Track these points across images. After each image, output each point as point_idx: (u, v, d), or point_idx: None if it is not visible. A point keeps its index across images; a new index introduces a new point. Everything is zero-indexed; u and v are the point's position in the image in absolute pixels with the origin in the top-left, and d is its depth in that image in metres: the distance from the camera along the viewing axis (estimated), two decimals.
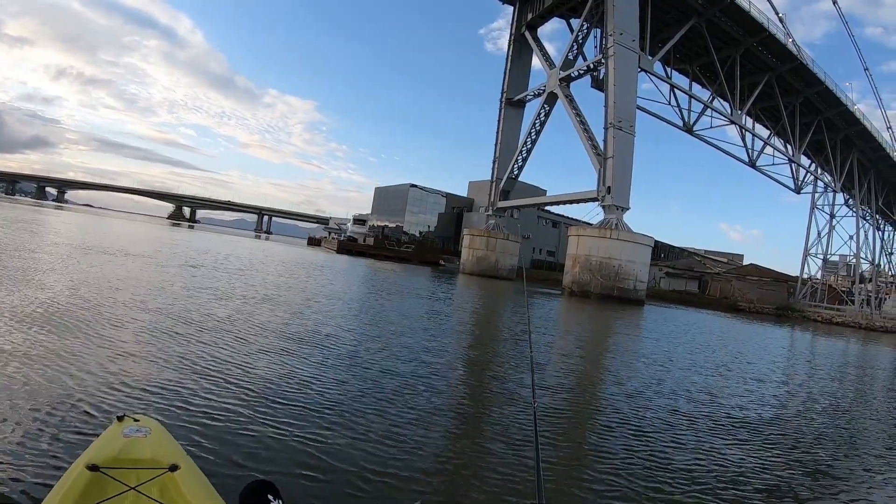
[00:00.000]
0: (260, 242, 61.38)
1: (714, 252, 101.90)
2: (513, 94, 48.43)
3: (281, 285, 14.77)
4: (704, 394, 7.58)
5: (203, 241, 37.95)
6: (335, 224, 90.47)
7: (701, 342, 16.25)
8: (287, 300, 11.44)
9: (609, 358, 10.50)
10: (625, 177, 34.89)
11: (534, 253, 69.28)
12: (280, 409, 4.19)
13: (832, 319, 48.52)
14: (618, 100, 34.84)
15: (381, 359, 6.67)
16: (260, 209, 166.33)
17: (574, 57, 42.07)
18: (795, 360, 15.47)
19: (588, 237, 34.37)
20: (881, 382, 12.99)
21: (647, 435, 5.02)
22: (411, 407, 4.69)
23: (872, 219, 60.96)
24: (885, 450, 5.87)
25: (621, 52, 35.40)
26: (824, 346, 22.56)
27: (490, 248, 46.95)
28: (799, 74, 45.88)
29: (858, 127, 52.46)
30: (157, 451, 2.03)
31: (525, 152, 46.42)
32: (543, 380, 6.85)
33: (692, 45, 42.97)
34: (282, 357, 5.93)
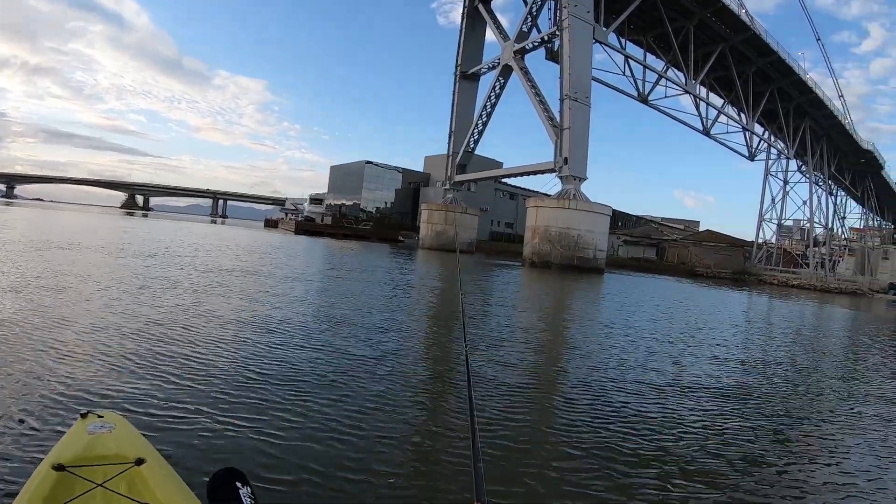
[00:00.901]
0: (215, 227, 60.25)
1: (670, 219, 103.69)
2: (467, 67, 48.28)
3: (236, 269, 14.25)
4: (668, 359, 7.66)
5: (156, 229, 37.04)
6: (292, 205, 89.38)
7: (662, 308, 16.52)
8: (242, 286, 10.99)
9: (571, 326, 10.52)
10: (581, 147, 35.12)
11: (492, 225, 69.56)
12: (242, 397, 4.11)
13: (788, 282, 49.88)
14: (573, 71, 34.91)
15: (338, 342, 6.52)
16: (214, 193, 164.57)
17: (528, 29, 41.96)
18: (759, 323, 15.80)
19: (547, 208, 34.60)
20: (839, 340, 13.56)
21: (612, 402, 5.09)
22: (369, 393, 4.60)
23: (825, 184, 62.61)
24: (842, 403, 6.07)
25: (576, 24, 35.39)
26: (785, 308, 23.15)
27: (449, 222, 47.06)
28: (752, 45, 46.50)
29: (811, 96, 53.55)
30: (122, 447, 1.99)
31: (481, 125, 46.44)
32: (501, 353, 6.77)
33: (646, 16, 43.12)
34: (238, 346, 5.74)
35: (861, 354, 10.47)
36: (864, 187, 71.98)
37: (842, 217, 72.25)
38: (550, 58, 40.38)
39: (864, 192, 72.48)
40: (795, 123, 56.04)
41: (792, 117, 55.30)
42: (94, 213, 70.14)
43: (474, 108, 47.70)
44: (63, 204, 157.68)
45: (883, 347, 11.94)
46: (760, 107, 50.84)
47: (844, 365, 8.91)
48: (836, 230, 67.93)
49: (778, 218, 59.46)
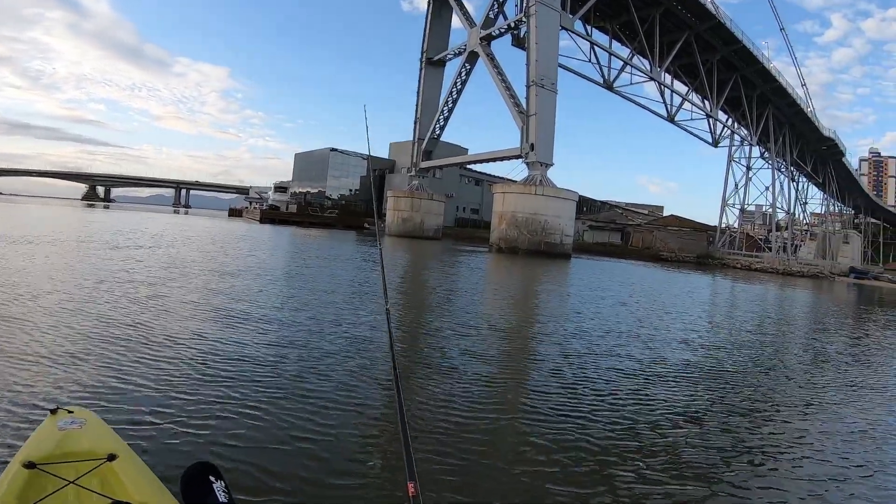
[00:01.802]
0: (179, 217, 59.01)
1: (635, 204, 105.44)
2: (433, 53, 48.24)
3: (198, 261, 13.83)
4: (637, 343, 7.76)
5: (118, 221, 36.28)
6: (256, 193, 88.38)
7: (630, 292, 16.90)
8: (203, 279, 10.66)
9: (541, 311, 10.68)
10: (548, 134, 35.43)
11: (458, 212, 70.00)
12: (205, 391, 4.10)
13: (751, 266, 51.14)
14: (539, 58, 35.10)
15: (298, 336, 6.37)
16: (177, 183, 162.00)
17: (495, 16, 42.04)
18: (726, 306, 16.30)
19: (514, 194, 34.89)
20: (805, 323, 14.04)
21: (580, 385, 5.16)
22: (334, 387, 4.52)
23: (787, 170, 64.15)
24: (809, 386, 6.28)
25: (543, 11, 35.55)
26: (750, 291, 23.90)
27: (415, 208, 47.22)
28: (717, 33, 47.20)
29: (774, 84, 54.69)
30: (93, 442, 1.95)
31: (447, 112, 46.60)
32: (475, 338, 6.89)
33: (613, 3, 43.47)
34: (199, 341, 5.65)
35: (827, 337, 10.83)
36: (826, 173, 73.95)
37: (803, 202, 74.29)
38: (516, 44, 40.49)
39: (825, 178, 74.47)
40: (759, 111, 57.20)
41: (755, 105, 56.44)
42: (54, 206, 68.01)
43: (440, 95, 47.73)
44: (22, 197, 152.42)
45: (849, 330, 12.59)
46: (724, 94, 51.79)
47: (811, 348, 9.18)
48: (797, 215, 69.83)
49: (741, 203, 60.89)
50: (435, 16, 47.65)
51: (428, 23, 48.13)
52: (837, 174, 76.52)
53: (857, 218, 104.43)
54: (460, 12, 44.50)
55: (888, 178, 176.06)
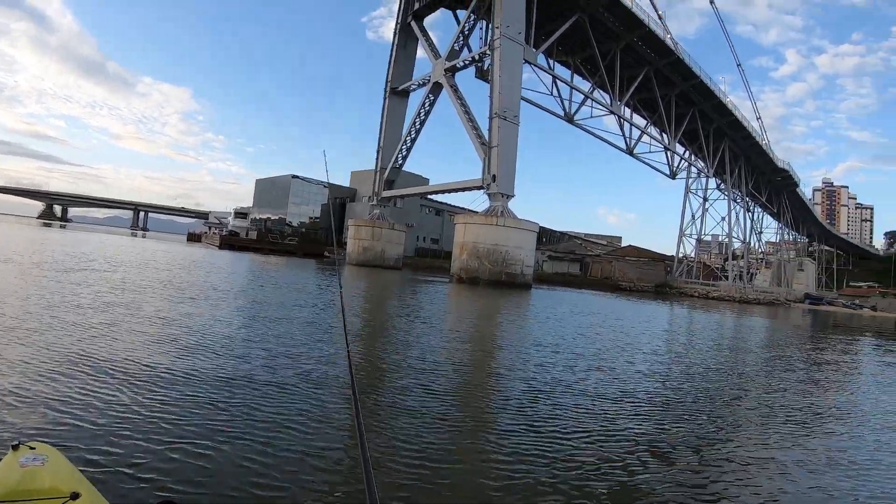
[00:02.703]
0: (136, 241, 57.68)
1: (593, 235, 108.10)
2: (397, 83, 48.71)
3: (156, 287, 13.46)
4: (599, 373, 7.93)
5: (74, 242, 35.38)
6: (215, 218, 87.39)
7: (590, 322, 17.26)
8: (159, 306, 10.41)
9: (503, 343, 10.81)
10: (509, 165, 36.03)
11: (418, 241, 70.15)
12: (162, 424, 4.09)
13: (708, 294, 52.56)
14: (503, 90, 35.79)
15: (254, 366, 6.34)
16: (135, 205, 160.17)
17: (460, 48, 42.92)
18: (686, 335, 16.76)
19: (475, 224, 35.26)
20: (764, 348, 14.77)
21: (535, 420, 5.22)
22: (295, 418, 4.57)
23: (743, 201, 66.64)
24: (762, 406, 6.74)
25: (507, 45, 36.32)
26: (709, 319, 24.86)
27: (376, 237, 47.26)
28: (676, 68, 49.12)
29: (730, 118, 57.08)
30: (56, 480, 1.90)
31: (409, 142, 47.07)
32: (436, 373, 6.95)
33: (575, 38, 44.81)
34: (153, 372, 5.58)
35: (786, 364, 11.41)
36: (780, 204, 76.87)
37: (759, 232, 77.14)
38: (480, 76, 41.32)
39: (779, 208, 77.39)
40: (715, 144, 59.42)
41: (712, 138, 58.64)
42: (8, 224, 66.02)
43: (403, 124, 48.14)
44: None
45: (806, 356, 13.27)
46: (682, 127, 53.68)
47: (770, 375, 9.58)
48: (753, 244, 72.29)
49: (698, 233, 62.89)
50: (401, 46, 48.26)
51: (393, 53, 48.67)
52: (792, 204, 79.65)
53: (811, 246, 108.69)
54: (426, 44, 45.18)
55: (840, 207, 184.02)
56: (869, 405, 7.54)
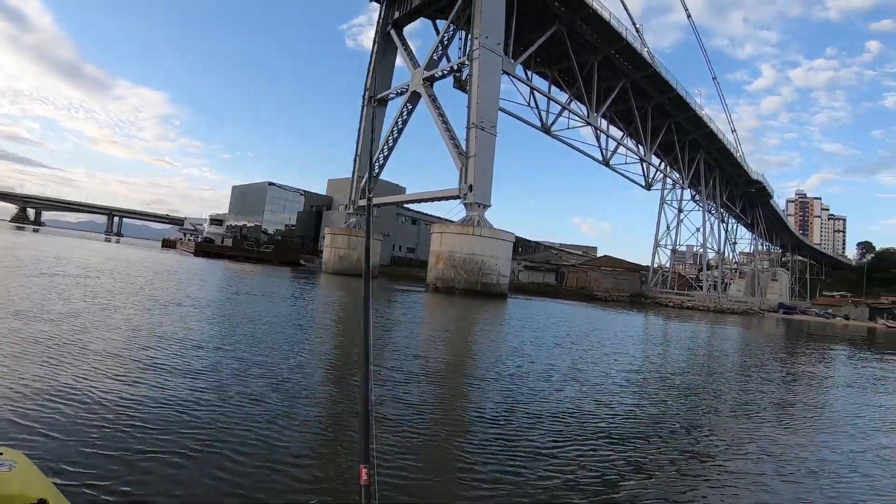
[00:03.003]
0: (111, 246, 56.99)
1: (569, 245, 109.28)
2: (376, 91, 48.80)
3: (129, 293, 13.47)
4: (576, 384, 7.97)
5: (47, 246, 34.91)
6: (191, 224, 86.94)
7: (566, 330, 17.62)
8: (131, 313, 10.32)
9: (479, 354, 10.91)
10: (486, 175, 36.28)
11: (394, 250, 70.28)
12: (135, 435, 4.09)
13: (682, 304, 53.37)
14: (481, 101, 36.07)
15: (232, 374, 6.35)
16: (110, 210, 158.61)
17: (438, 57, 43.19)
18: (663, 346, 16.97)
19: (451, 234, 35.40)
20: (744, 357, 15.31)
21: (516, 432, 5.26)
22: (269, 426, 4.56)
23: (717, 212, 67.85)
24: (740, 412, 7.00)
25: (486, 55, 36.63)
26: (686, 329, 25.43)
27: (352, 246, 47.31)
28: (652, 81, 49.99)
29: (705, 130, 58.20)
30: (24, 486, 1.87)
31: (387, 150, 47.10)
32: (414, 383, 6.96)
33: (553, 50, 45.43)
34: (124, 381, 5.53)
35: (763, 372, 11.86)
36: (754, 215, 78.44)
37: (733, 242, 78.57)
38: (458, 86, 41.59)
39: (753, 219, 78.95)
40: (691, 155, 60.50)
41: (687, 150, 59.72)
42: None
43: (381, 133, 48.13)
44: None
45: (781, 364, 13.84)
46: (658, 139, 54.61)
47: (746, 386, 9.82)
48: (727, 255, 73.66)
49: (673, 244, 63.82)
50: (380, 55, 48.37)
51: (372, 61, 48.77)
52: (765, 215, 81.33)
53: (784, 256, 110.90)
54: (405, 53, 45.44)
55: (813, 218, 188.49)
56: (845, 413, 7.80)
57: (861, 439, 6.23)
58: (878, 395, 9.97)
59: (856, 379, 12.42)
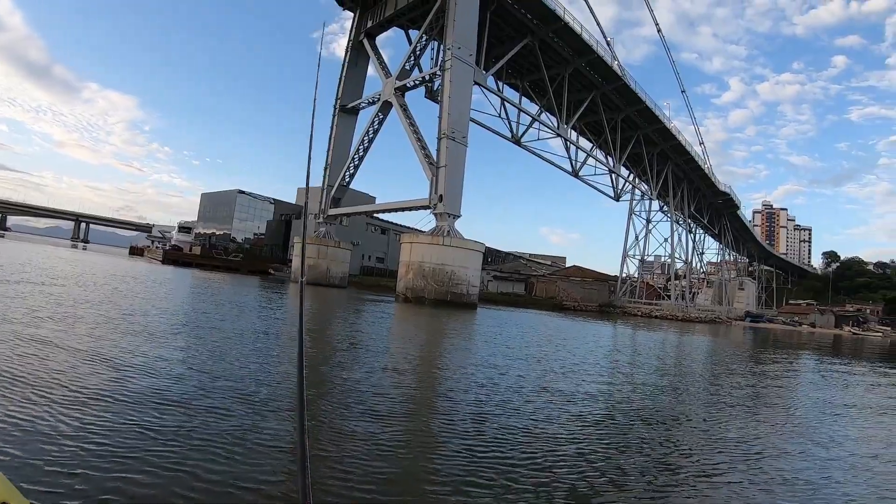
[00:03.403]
0: (77, 252, 55.71)
1: (538, 255, 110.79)
2: (347, 100, 48.83)
3: (93, 303, 13.04)
4: (546, 394, 7.98)
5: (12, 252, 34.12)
6: (159, 232, 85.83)
7: (536, 341, 17.90)
8: (93, 323, 10.03)
9: (449, 364, 10.75)
10: (456, 185, 36.59)
11: (363, 260, 70.25)
12: (98, 448, 3.99)
13: (651, 313, 54.39)
14: (452, 111, 36.38)
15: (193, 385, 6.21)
16: (77, 216, 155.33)
17: (410, 67, 43.44)
18: (633, 355, 17.09)
19: (421, 244, 35.55)
20: (705, 366, 15.60)
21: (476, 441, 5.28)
22: (231, 443, 4.42)
23: (685, 223, 69.45)
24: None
25: (458, 66, 36.97)
26: (654, 338, 25.92)
27: (321, 255, 47.20)
28: (622, 94, 51.11)
29: (674, 142, 59.64)
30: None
31: (357, 160, 47.21)
32: (381, 396, 6.95)
33: (524, 61, 46.19)
34: (85, 392, 5.43)
35: (731, 381, 12.02)
36: (721, 225, 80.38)
37: (700, 252, 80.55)
38: (429, 97, 42.01)
39: (721, 229, 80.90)
40: (659, 167, 61.88)
41: (656, 161, 61.10)
42: None
43: (352, 142, 48.28)
44: None
45: (750, 372, 14.17)
46: (627, 151, 55.80)
47: (718, 391, 10.16)
48: (695, 264, 75.28)
49: (641, 254, 65.10)
50: (352, 64, 48.45)
51: (344, 70, 48.76)
52: (733, 225, 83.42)
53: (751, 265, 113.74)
54: (377, 62, 45.63)
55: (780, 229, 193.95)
56: (816, 422, 7.98)
57: (836, 448, 6.37)
58: (845, 405, 10.15)
59: (823, 386, 12.81)
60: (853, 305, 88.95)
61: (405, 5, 42.63)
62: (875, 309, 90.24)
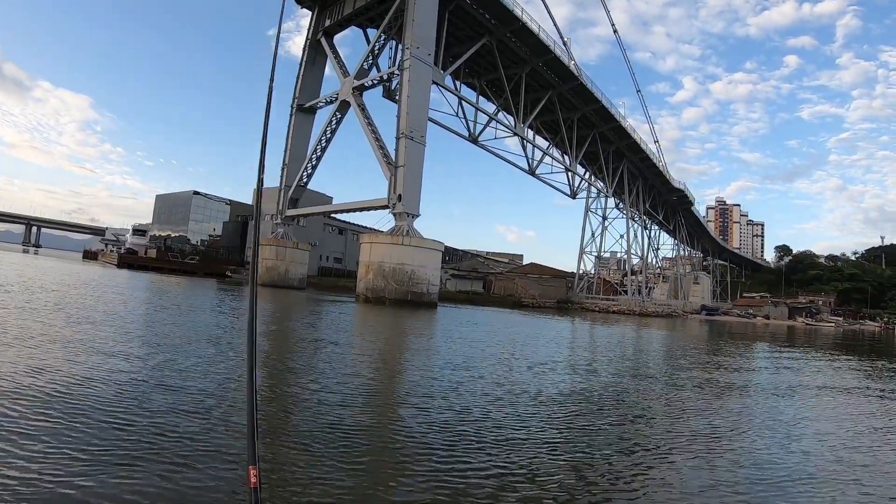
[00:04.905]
0: (28, 257, 54.07)
1: (495, 253, 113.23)
2: (304, 100, 48.93)
3: (43, 307, 12.44)
4: (511, 395, 7.84)
5: None
6: (112, 235, 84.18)
7: (496, 338, 18.62)
8: (42, 333, 9.45)
9: (411, 365, 10.88)
10: (415, 185, 37.34)
11: (321, 260, 70.29)
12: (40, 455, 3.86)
13: (609, 308, 56.38)
14: (410, 111, 37.01)
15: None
16: (28, 219, 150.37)
17: (369, 67, 43.98)
18: (591, 350, 17.61)
19: (381, 244, 36.16)
20: (664, 358, 16.49)
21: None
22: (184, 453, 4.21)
23: (640, 219, 72.05)
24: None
25: (416, 66, 37.59)
26: (611, 332, 27.10)
27: (280, 257, 47.32)
28: (578, 93, 52.77)
29: (629, 140, 61.84)
30: None
31: (315, 160, 47.46)
32: (342, 384, 7.34)
33: (482, 61, 47.23)
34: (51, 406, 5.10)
35: (691, 374, 12.61)
36: (676, 221, 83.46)
37: (656, 248, 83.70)
38: (387, 96, 42.61)
39: (675, 225, 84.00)
40: (614, 165, 64.06)
41: (612, 159, 63.26)
42: None
43: (309, 142, 48.47)
44: None
45: (708, 364, 14.98)
46: (583, 149, 57.66)
47: (681, 386, 10.34)
48: (650, 260, 78.15)
49: (597, 250, 67.30)
50: (309, 63, 48.53)
51: (301, 69, 48.84)
52: (687, 221, 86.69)
53: (706, 260, 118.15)
54: (335, 61, 45.79)
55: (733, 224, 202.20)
56: (781, 415, 8.11)
57: (804, 441, 6.50)
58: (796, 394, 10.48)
59: (775, 376, 13.49)
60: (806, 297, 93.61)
61: (364, 4, 43.01)
62: (827, 300, 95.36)
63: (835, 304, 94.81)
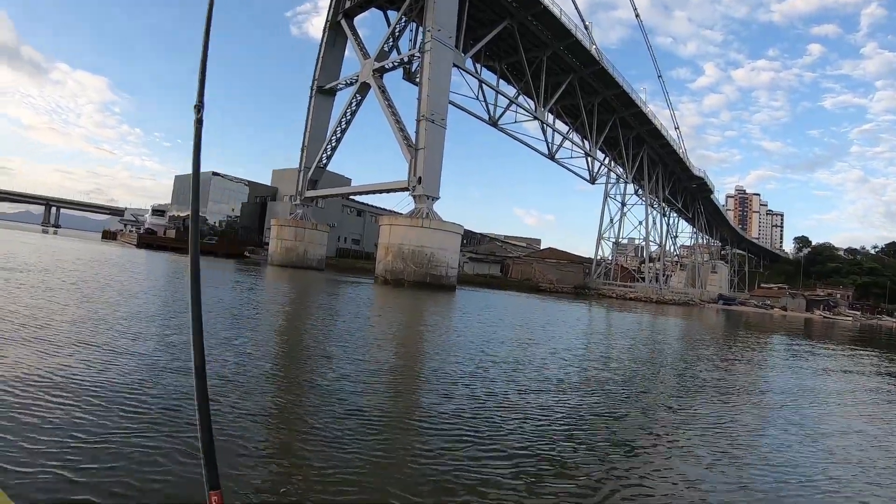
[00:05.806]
0: (48, 238, 54.95)
1: (513, 237, 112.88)
2: (324, 81, 49.22)
3: (64, 289, 12.46)
4: (533, 382, 7.63)
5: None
6: (132, 215, 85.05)
7: (517, 321, 19.00)
8: (66, 313, 8.93)
9: (433, 347, 10.73)
10: (435, 168, 37.62)
11: (339, 242, 70.71)
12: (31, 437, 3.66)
13: (625, 295, 56.47)
14: (431, 94, 37.18)
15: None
16: (47, 200, 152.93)
17: (389, 49, 44.10)
18: (612, 338, 17.35)
19: (400, 226, 36.55)
20: (684, 348, 16.40)
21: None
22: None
23: (659, 206, 71.71)
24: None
25: (437, 48, 37.67)
26: (630, 319, 27.12)
27: (299, 238, 47.95)
28: (599, 78, 52.44)
29: (649, 126, 61.39)
30: None
31: (335, 141, 47.84)
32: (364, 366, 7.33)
33: (503, 44, 47.10)
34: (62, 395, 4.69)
35: (709, 364, 12.45)
36: (695, 209, 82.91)
37: (674, 236, 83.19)
38: (408, 78, 42.71)
39: (694, 213, 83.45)
40: (634, 151, 63.72)
41: (632, 145, 62.92)
42: None
43: (329, 124, 48.95)
44: None
45: (725, 357, 14.75)
46: (604, 134, 57.41)
47: (693, 375, 10.11)
48: (668, 247, 77.80)
49: (616, 237, 67.20)
50: (329, 44, 48.81)
51: (322, 51, 49.13)
52: (706, 209, 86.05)
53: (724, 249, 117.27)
54: (355, 43, 45.97)
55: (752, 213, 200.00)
56: (795, 410, 7.73)
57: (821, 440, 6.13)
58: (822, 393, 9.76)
59: (796, 372, 12.71)
60: (824, 290, 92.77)
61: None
62: (845, 293, 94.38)
63: (853, 297, 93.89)
